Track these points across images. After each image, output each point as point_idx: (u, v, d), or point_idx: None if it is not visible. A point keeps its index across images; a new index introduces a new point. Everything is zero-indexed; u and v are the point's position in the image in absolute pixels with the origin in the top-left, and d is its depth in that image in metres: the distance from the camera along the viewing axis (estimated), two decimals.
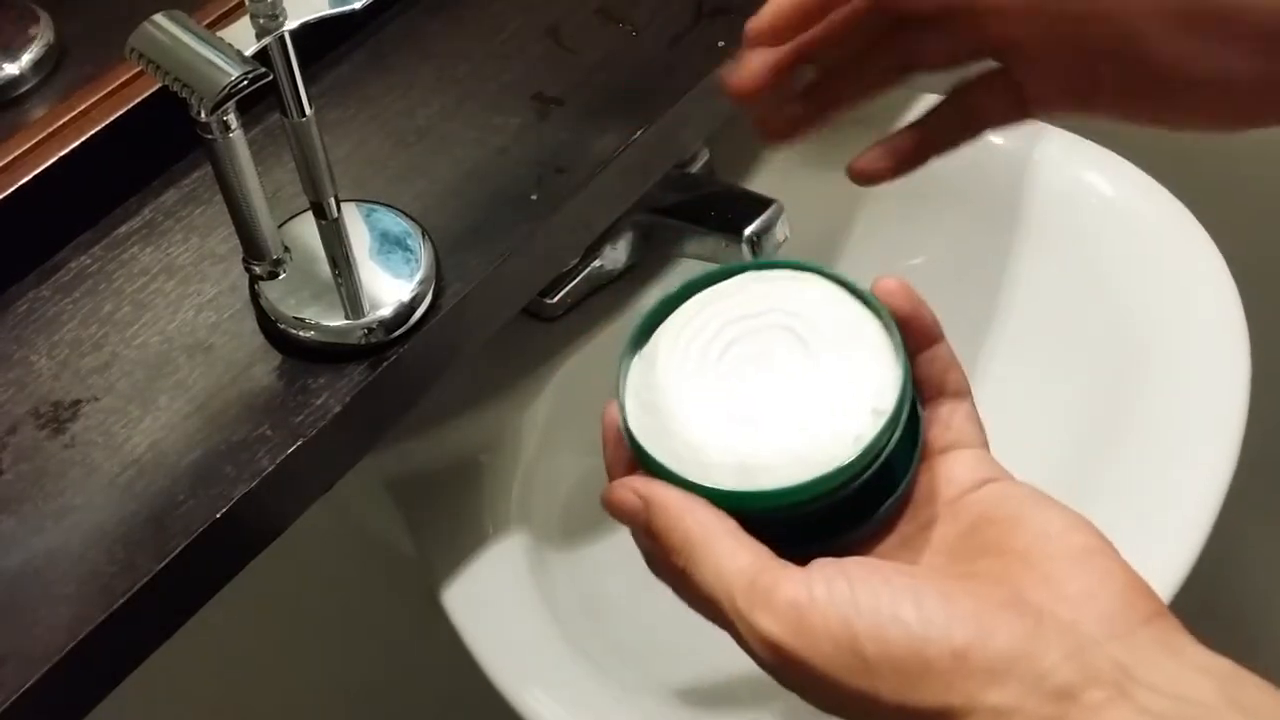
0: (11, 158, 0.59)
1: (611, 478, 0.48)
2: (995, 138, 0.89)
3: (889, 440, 0.44)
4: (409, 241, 0.61)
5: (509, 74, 0.69)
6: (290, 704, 0.99)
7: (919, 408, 0.46)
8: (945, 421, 0.46)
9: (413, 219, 0.62)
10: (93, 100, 0.61)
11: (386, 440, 0.72)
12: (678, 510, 0.44)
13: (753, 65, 0.51)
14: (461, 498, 0.80)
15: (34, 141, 0.60)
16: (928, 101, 0.55)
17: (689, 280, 0.49)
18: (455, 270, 0.61)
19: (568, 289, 0.83)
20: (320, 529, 0.68)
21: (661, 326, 0.48)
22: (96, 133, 0.60)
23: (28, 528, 0.53)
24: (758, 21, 0.50)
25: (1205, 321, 0.83)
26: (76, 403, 0.57)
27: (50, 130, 0.60)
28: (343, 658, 0.99)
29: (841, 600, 0.39)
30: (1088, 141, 0.89)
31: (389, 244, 0.61)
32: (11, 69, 0.63)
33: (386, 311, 0.58)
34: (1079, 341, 0.84)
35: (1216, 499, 0.74)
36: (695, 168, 0.84)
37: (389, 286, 0.59)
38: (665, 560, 0.45)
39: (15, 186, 0.59)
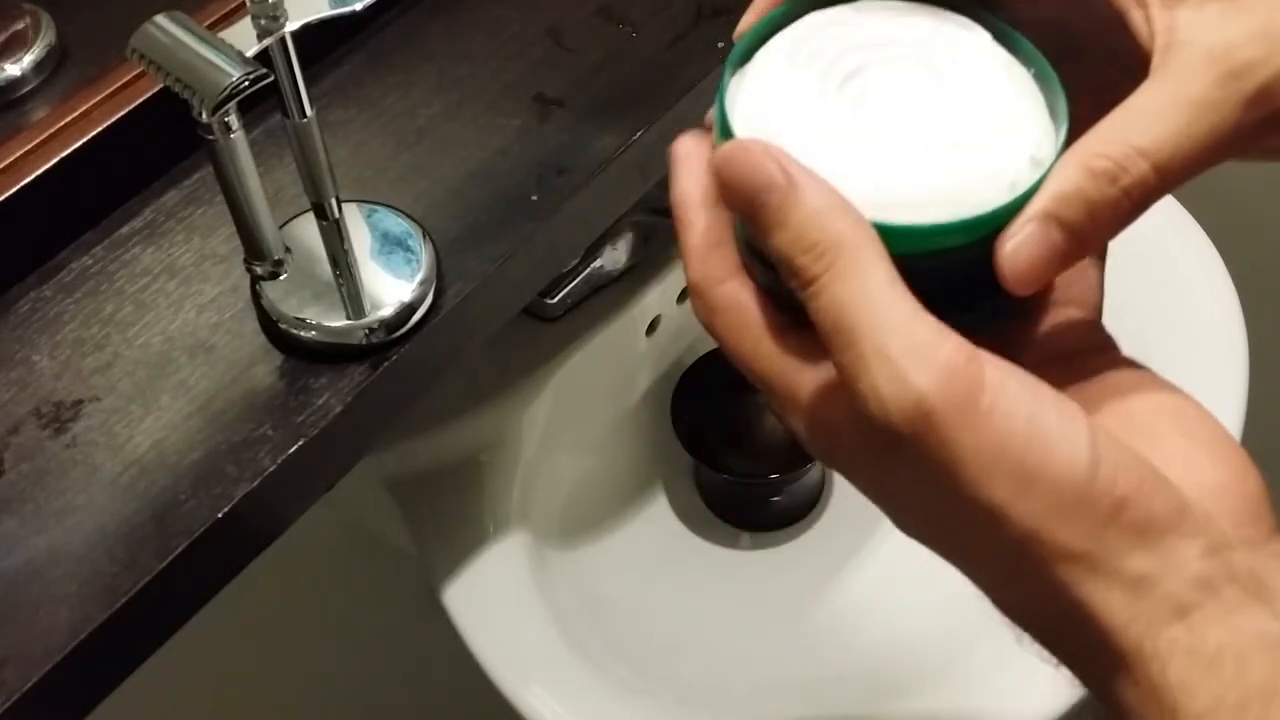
0: (13, 158, 0.59)
1: (692, 232, 0.39)
2: None
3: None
4: (410, 242, 0.61)
5: (509, 75, 0.69)
6: (291, 703, 0.99)
7: None
8: (1070, 277, 0.40)
9: (413, 219, 0.62)
10: (94, 101, 0.61)
11: (387, 440, 0.72)
12: (831, 204, 0.35)
13: (758, 9, 0.42)
14: (461, 497, 0.80)
15: (36, 142, 0.60)
16: None
17: (793, 2, 0.41)
18: (456, 270, 0.61)
19: (568, 289, 0.83)
20: (321, 529, 0.68)
21: (766, 46, 0.40)
22: (98, 134, 0.60)
23: (29, 527, 0.54)
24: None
25: (1204, 321, 0.84)
26: (78, 402, 0.57)
27: (52, 131, 0.60)
28: (343, 657, 0.99)
29: (1015, 394, 0.33)
30: None
31: (390, 244, 0.61)
32: (13, 70, 0.63)
33: (387, 312, 0.58)
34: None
35: None
36: None
37: (390, 287, 0.59)
38: (736, 287, 0.37)
39: (17, 187, 0.59)
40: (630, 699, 0.75)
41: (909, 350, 0.33)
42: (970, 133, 0.38)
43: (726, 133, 0.38)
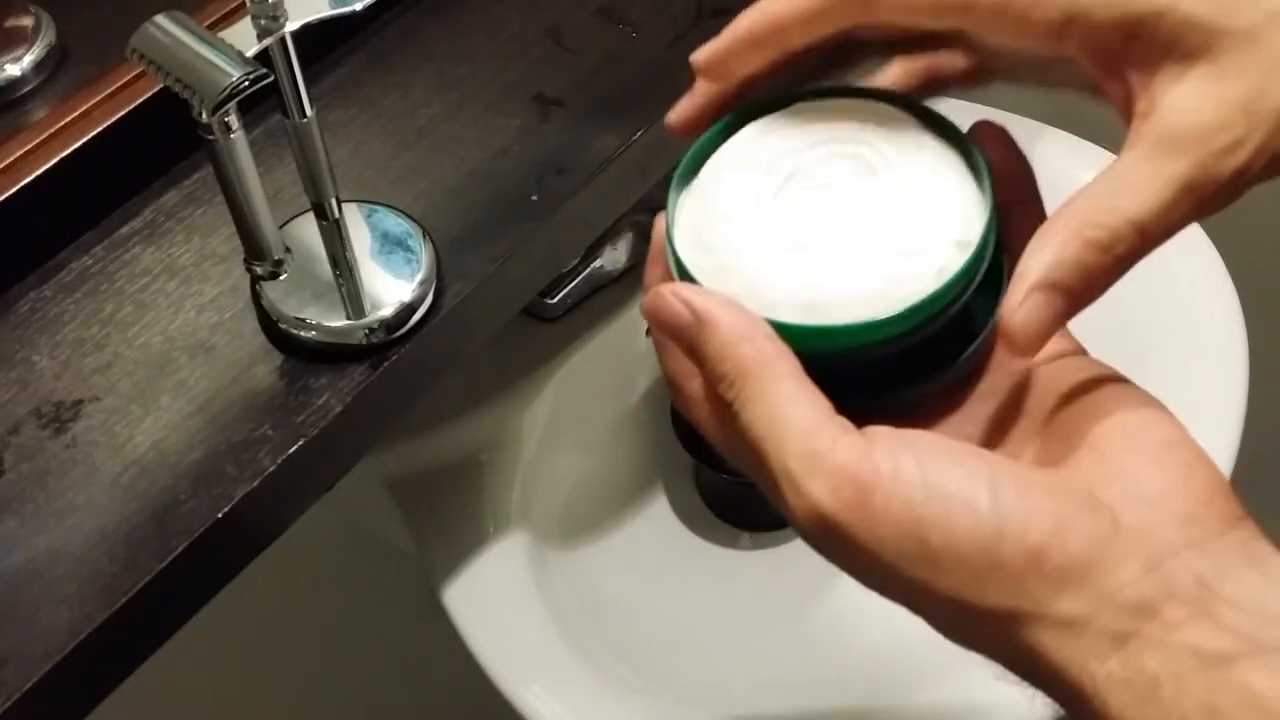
0: (13, 158, 0.59)
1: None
2: None
3: (974, 276, 0.39)
4: (410, 242, 0.61)
5: (510, 75, 0.69)
6: (291, 703, 0.99)
7: (1003, 257, 0.41)
8: None
9: (413, 219, 0.62)
10: (94, 101, 0.61)
11: (387, 440, 0.72)
12: (735, 334, 0.38)
13: (695, 104, 0.45)
14: (462, 497, 0.80)
15: (36, 142, 0.60)
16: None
17: (736, 111, 0.44)
18: (456, 270, 0.61)
19: (568, 289, 0.83)
20: (321, 529, 0.68)
21: (710, 160, 0.43)
22: (98, 133, 0.60)
23: (29, 527, 0.54)
24: (705, 55, 0.44)
25: (1204, 322, 0.84)
26: (78, 402, 0.57)
27: (52, 131, 0.60)
28: (343, 657, 0.99)
29: (909, 479, 0.35)
30: (1087, 143, 0.90)
31: (390, 244, 0.61)
32: (13, 70, 0.63)
33: (387, 312, 0.58)
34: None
35: None
36: None
37: (390, 287, 0.59)
38: (705, 391, 0.40)
39: (17, 187, 0.59)
40: (630, 699, 0.75)
41: (804, 464, 0.36)
42: (899, 224, 0.40)
43: (673, 252, 0.41)
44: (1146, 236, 0.38)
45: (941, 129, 0.42)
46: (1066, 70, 0.41)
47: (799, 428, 0.36)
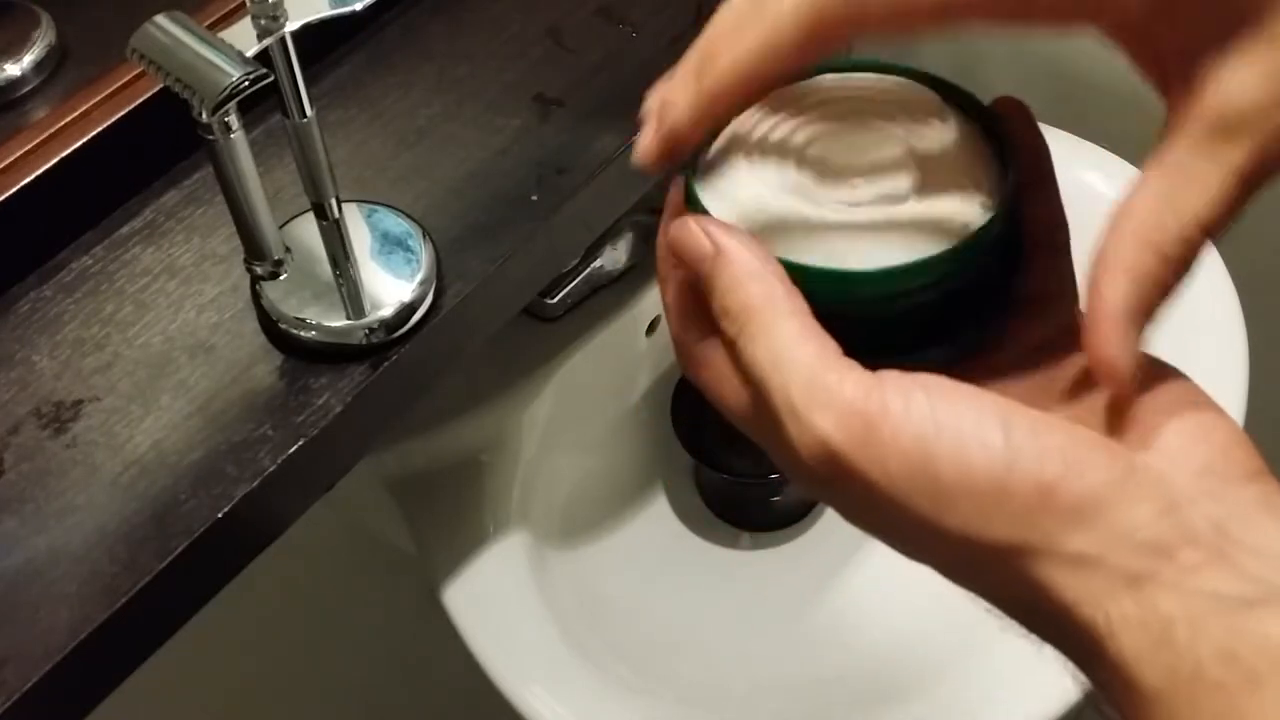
0: (13, 158, 0.59)
1: (668, 289, 0.41)
2: None
3: (995, 235, 0.39)
4: (410, 242, 0.61)
5: (510, 75, 0.69)
6: (291, 703, 0.99)
7: (1021, 230, 0.41)
8: (1044, 270, 0.41)
9: (413, 219, 0.62)
10: (94, 101, 0.61)
11: (387, 440, 0.72)
12: (748, 270, 0.37)
13: (658, 140, 0.42)
14: (462, 497, 0.80)
15: (36, 142, 0.60)
16: None
17: None
18: (456, 270, 0.61)
19: (568, 289, 0.83)
20: (321, 529, 0.68)
21: (732, 123, 0.43)
22: (98, 133, 0.60)
23: (29, 527, 0.54)
24: (660, 139, 0.41)
25: (1204, 322, 0.84)
26: (78, 402, 0.57)
27: (52, 131, 0.60)
28: (343, 657, 0.99)
29: (919, 414, 0.34)
30: (1087, 143, 0.90)
31: (390, 244, 0.61)
32: (13, 70, 0.63)
33: (387, 312, 0.58)
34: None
35: None
36: None
37: (390, 287, 0.59)
38: (708, 324, 0.39)
39: (17, 187, 0.59)
40: (630, 699, 0.75)
41: (810, 398, 0.35)
42: (925, 187, 0.40)
43: (695, 200, 0.40)
44: (1212, 234, 0.36)
45: (962, 101, 0.42)
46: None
47: (805, 363, 0.36)
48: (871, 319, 0.39)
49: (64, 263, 0.62)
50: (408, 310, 0.59)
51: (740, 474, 0.87)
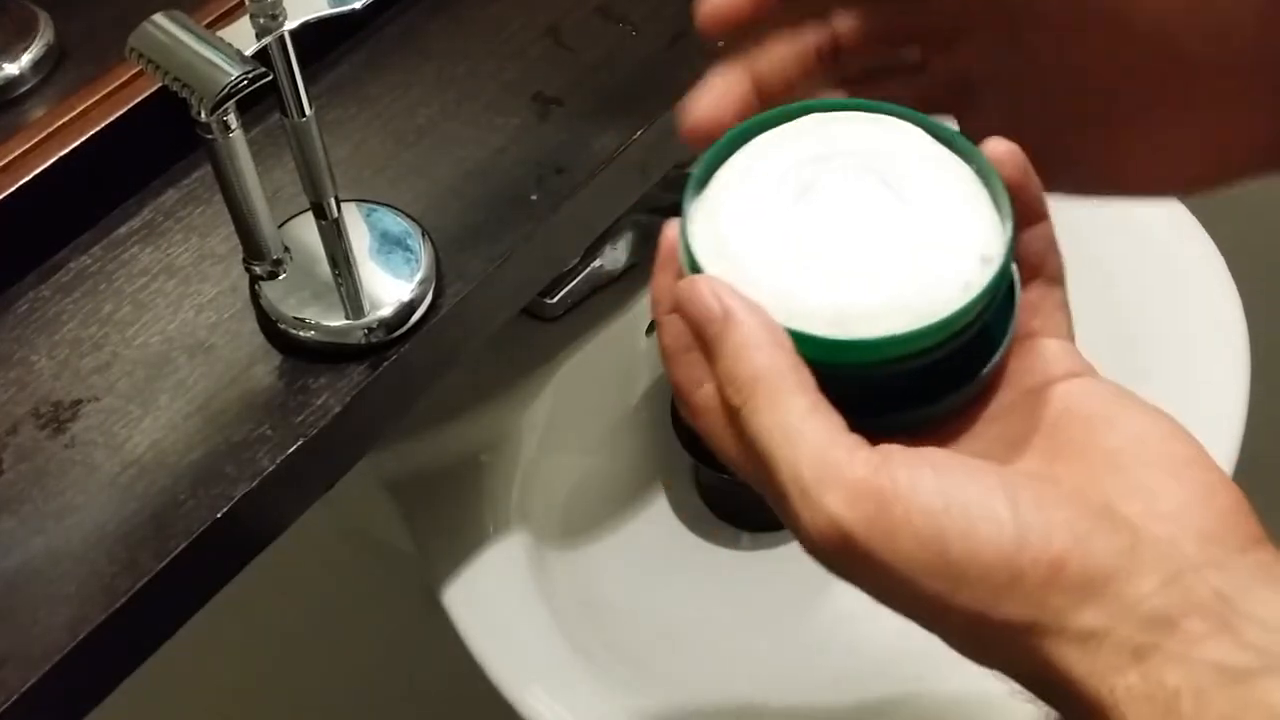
0: (11, 158, 0.59)
1: (666, 335, 0.41)
2: None
3: (998, 291, 0.39)
4: (409, 241, 0.61)
5: (509, 73, 0.69)
6: (290, 703, 0.99)
7: (1016, 277, 0.41)
8: (1035, 306, 0.41)
9: (413, 219, 0.62)
10: (93, 100, 0.61)
11: (386, 440, 0.72)
12: (758, 339, 0.37)
13: (709, 102, 0.45)
14: (461, 497, 0.80)
15: (34, 141, 0.60)
16: None
17: (745, 124, 0.43)
18: (455, 270, 0.61)
19: (568, 289, 0.83)
20: (320, 529, 0.68)
21: (722, 169, 0.42)
22: (96, 133, 0.60)
23: (28, 528, 0.53)
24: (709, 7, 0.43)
25: (1205, 321, 0.84)
26: (77, 403, 0.57)
27: (50, 130, 0.60)
28: (343, 658, 0.99)
29: (927, 490, 0.35)
30: None
31: (389, 244, 0.61)
32: (11, 69, 0.63)
33: (387, 311, 0.58)
34: (1079, 341, 0.84)
35: None
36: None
37: (389, 286, 0.59)
38: (713, 390, 0.39)
39: (15, 186, 0.59)
40: (630, 699, 0.75)
41: (819, 476, 0.35)
42: (921, 238, 0.39)
43: (690, 257, 0.40)
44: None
45: (953, 143, 0.42)
46: None
47: (812, 440, 0.36)
48: (874, 380, 0.39)
49: (62, 262, 0.62)
50: (407, 310, 0.59)
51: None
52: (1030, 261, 0.41)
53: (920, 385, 0.40)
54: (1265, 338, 0.84)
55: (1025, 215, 0.41)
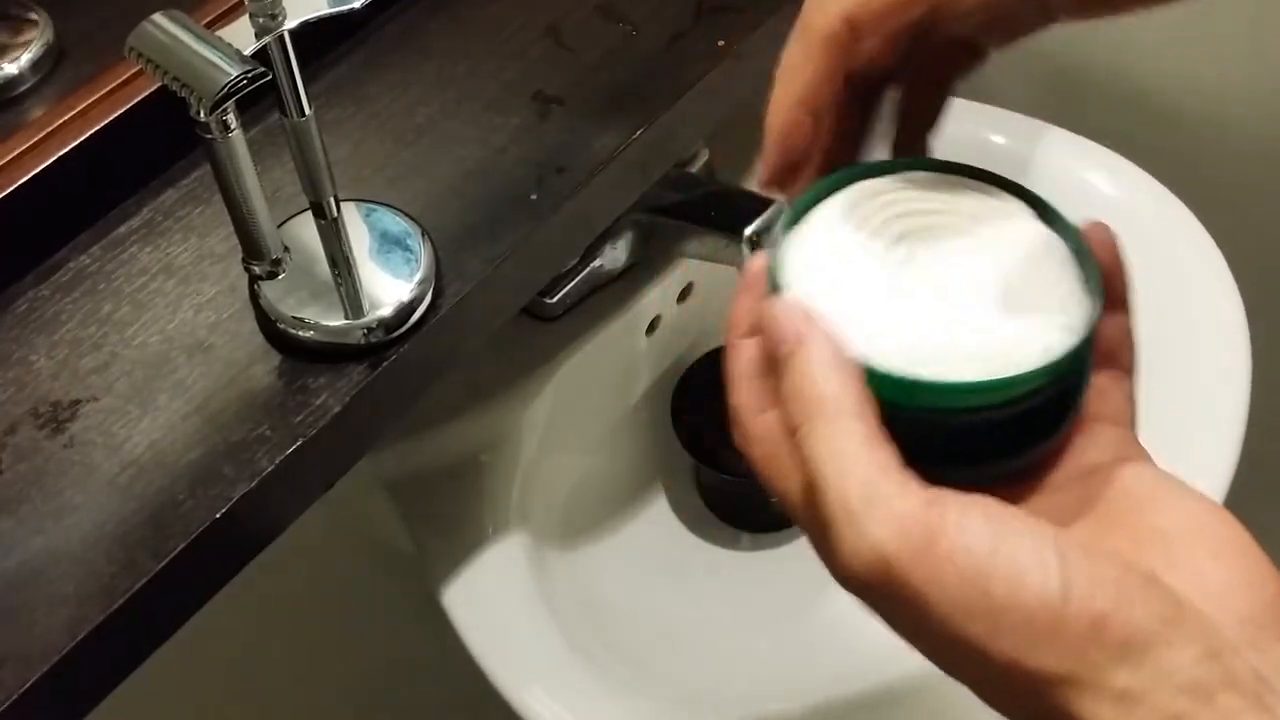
0: (10, 157, 0.59)
1: (738, 359, 0.42)
2: (997, 137, 0.89)
3: (1076, 362, 0.39)
4: (409, 241, 0.61)
5: (509, 73, 0.69)
6: (290, 704, 0.99)
7: (1092, 357, 0.41)
8: (1103, 391, 0.41)
9: (412, 219, 0.62)
10: (92, 100, 0.61)
11: (386, 440, 0.72)
12: (826, 362, 0.37)
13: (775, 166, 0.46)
14: (461, 498, 0.80)
15: (33, 141, 0.60)
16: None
17: (851, 169, 0.44)
18: (455, 270, 0.61)
19: (568, 289, 0.83)
20: (320, 529, 0.68)
21: (815, 211, 0.43)
22: (95, 132, 0.60)
23: (27, 528, 0.53)
24: (768, 173, 0.45)
25: (1206, 321, 0.83)
26: (76, 403, 0.57)
27: (49, 130, 0.60)
28: (343, 658, 0.99)
29: (976, 532, 0.34)
30: (1090, 141, 0.89)
31: (388, 244, 0.61)
32: (10, 68, 0.63)
33: (386, 311, 0.58)
34: None
35: (1218, 499, 0.73)
36: (695, 167, 0.84)
37: (389, 286, 0.59)
38: (774, 419, 0.39)
39: (14, 186, 0.58)
40: (630, 699, 0.74)
41: (868, 502, 0.35)
42: (1009, 300, 0.40)
43: (775, 285, 0.41)
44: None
45: (1054, 221, 0.42)
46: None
47: (865, 468, 0.36)
48: (934, 428, 0.39)
49: (61, 262, 0.62)
50: (406, 310, 0.59)
51: (740, 474, 0.87)
52: (1105, 348, 0.42)
53: (981, 442, 0.40)
54: (1265, 338, 0.84)
55: (1111, 300, 0.41)
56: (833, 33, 0.42)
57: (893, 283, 0.40)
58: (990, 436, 0.40)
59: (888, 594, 0.36)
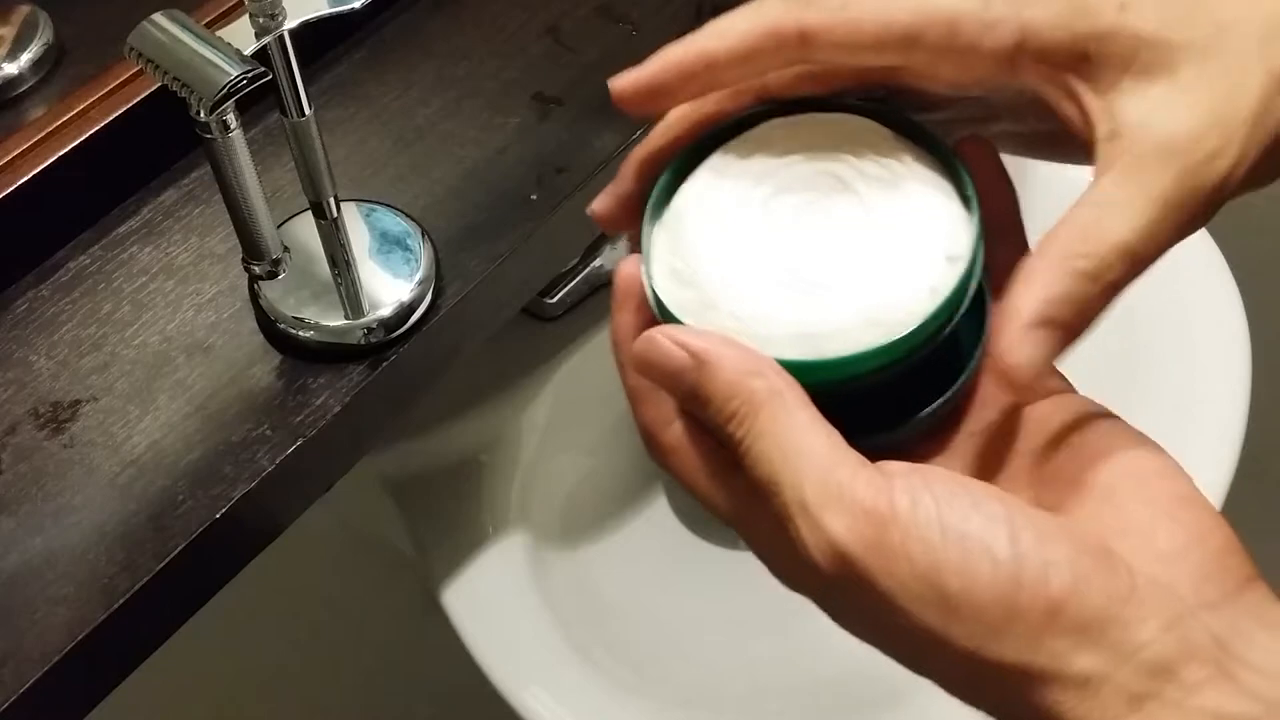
0: (10, 157, 0.59)
1: (629, 375, 0.41)
2: None
3: (966, 292, 0.38)
4: (408, 241, 0.61)
5: (509, 73, 0.69)
6: (290, 703, 0.99)
7: (987, 279, 0.40)
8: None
9: (412, 218, 0.62)
10: (92, 100, 0.61)
11: (386, 440, 0.72)
12: (741, 369, 0.36)
13: (618, 194, 0.43)
14: (461, 498, 0.80)
15: (33, 141, 0.59)
16: None
17: (700, 140, 0.42)
18: (455, 270, 0.61)
19: (568, 289, 0.83)
20: (320, 529, 0.68)
21: (681, 190, 0.41)
22: (95, 132, 0.60)
23: (27, 528, 0.53)
24: (626, 82, 0.42)
25: (1205, 322, 0.83)
26: (76, 403, 0.57)
27: (49, 130, 0.60)
28: (343, 658, 0.99)
29: (926, 519, 0.34)
30: None
31: (388, 244, 0.61)
32: (10, 68, 0.63)
33: (386, 311, 0.58)
34: (1078, 341, 0.84)
35: (1217, 500, 0.74)
36: None
37: (389, 286, 0.59)
38: (682, 429, 0.39)
39: (14, 186, 0.58)
40: (630, 699, 0.74)
41: (823, 497, 0.35)
42: (885, 244, 0.39)
43: (653, 292, 0.40)
44: (1136, 260, 0.37)
45: (921, 139, 0.41)
46: (1011, 98, 0.40)
47: (817, 459, 0.35)
48: (855, 396, 0.38)
49: (61, 262, 0.62)
50: (406, 310, 0.59)
51: None
52: (1000, 271, 0.40)
53: (897, 399, 0.39)
54: (1265, 338, 0.84)
55: (997, 221, 0.40)
56: (780, 29, 0.39)
57: (768, 262, 0.39)
58: (906, 392, 0.39)
59: (844, 588, 0.35)
